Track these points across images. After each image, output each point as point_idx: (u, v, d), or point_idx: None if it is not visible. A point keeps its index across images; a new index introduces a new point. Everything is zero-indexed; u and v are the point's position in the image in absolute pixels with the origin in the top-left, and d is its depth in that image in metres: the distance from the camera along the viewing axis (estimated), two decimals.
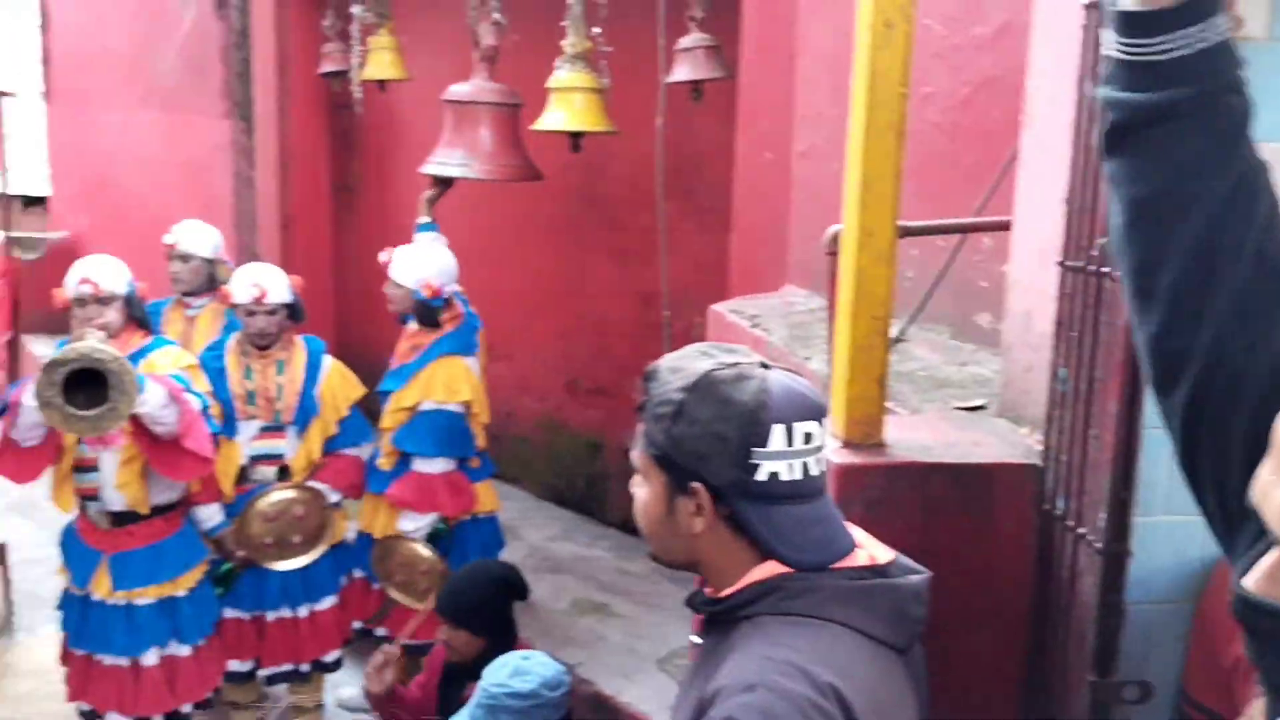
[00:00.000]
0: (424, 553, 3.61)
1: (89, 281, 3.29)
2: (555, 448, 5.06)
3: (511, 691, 2.44)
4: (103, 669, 3.40)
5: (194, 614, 3.45)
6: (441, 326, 3.70)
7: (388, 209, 5.77)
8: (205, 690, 3.52)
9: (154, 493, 3.34)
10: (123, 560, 3.35)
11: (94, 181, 7.60)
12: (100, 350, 2.77)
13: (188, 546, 3.46)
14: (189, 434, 3.09)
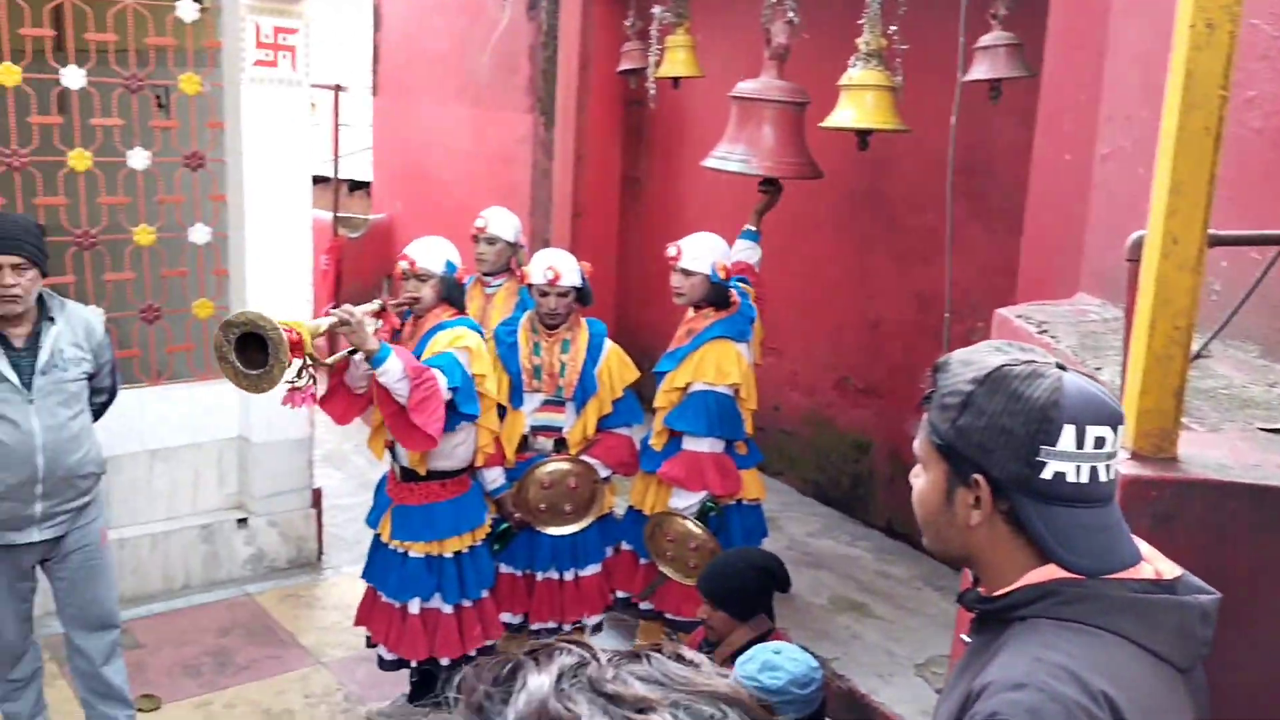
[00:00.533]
0: (696, 530, 3.74)
1: (407, 258, 3.66)
2: (821, 444, 5.07)
3: (760, 686, 2.48)
4: (381, 604, 3.79)
5: (458, 577, 3.72)
6: (730, 308, 3.82)
7: (671, 202, 5.97)
8: (464, 649, 3.77)
9: (429, 458, 3.65)
10: (403, 512, 3.70)
11: (410, 169, 8.30)
12: (264, 319, 3.07)
13: (460, 514, 3.72)
14: (417, 410, 3.36)
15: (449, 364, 3.45)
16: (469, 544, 3.74)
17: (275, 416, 5.09)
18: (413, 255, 3.65)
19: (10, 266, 3.16)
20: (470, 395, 3.51)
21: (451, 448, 3.65)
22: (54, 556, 3.46)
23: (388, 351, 3.32)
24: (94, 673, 3.57)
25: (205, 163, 4.93)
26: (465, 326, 3.68)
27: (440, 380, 3.39)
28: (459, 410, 3.48)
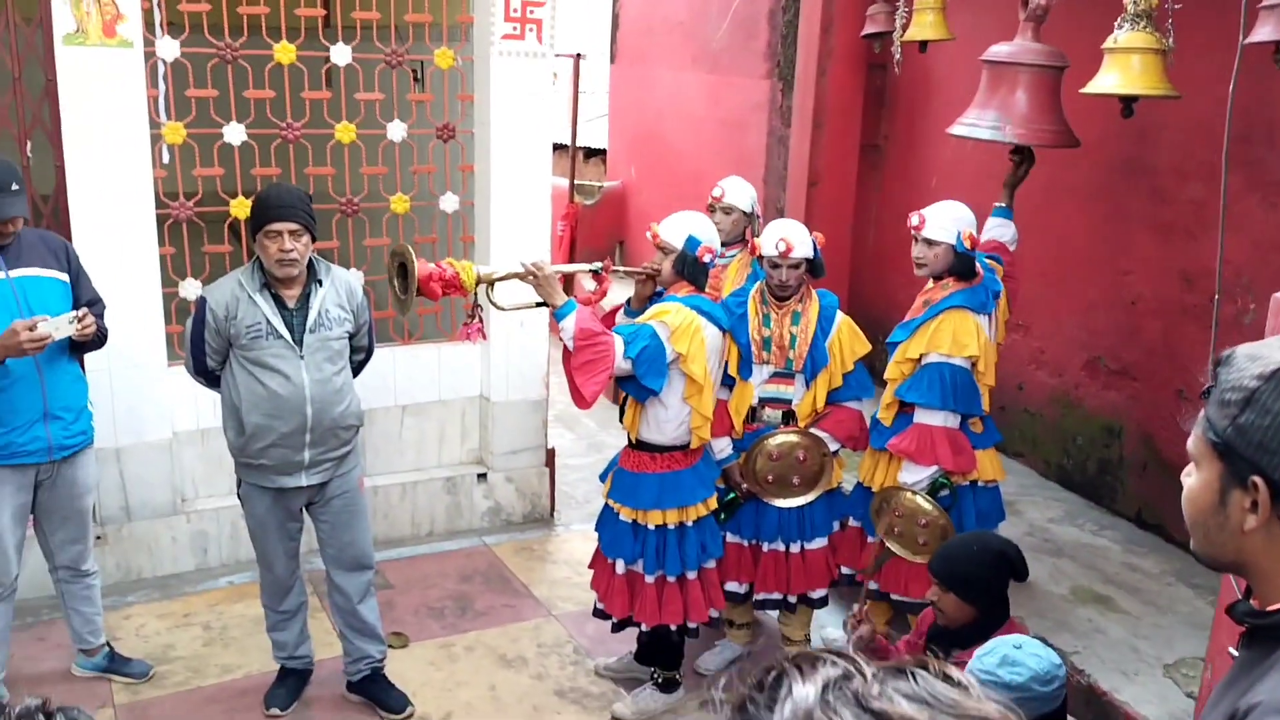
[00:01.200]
0: (926, 505, 3.64)
1: (652, 230, 3.71)
2: (1067, 426, 4.81)
3: (1000, 682, 2.39)
4: (599, 555, 3.89)
5: (657, 550, 3.75)
6: (974, 279, 3.68)
7: (913, 171, 5.78)
8: (684, 618, 3.80)
9: (643, 429, 3.70)
10: (620, 475, 3.79)
11: (644, 136, 8.42)
12: (408, 252, 3.42)
13: (663, 490, 3.72)
14: (579, 370, 3.46)
15: (639, 335, 3.48)
16: (677, 521, 3.74)
17: (514, 378, 5.34)
18: (658, 228, 3.69)
19: (289, 232, 3.44)
20: (654, 370, 3.50)
21: (658, 422, 3.66)
22: (318, 500, 3.76)
23: (569, 309, 3.46)
24: (351, 609, 3.87)
25: (455, 134, 5.18)
26: (679, 303, 3.61)
27: (616, 347, 3.46)
28: (640, 383, 3.51)
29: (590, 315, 3.52)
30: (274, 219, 3.43)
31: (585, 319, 3.47)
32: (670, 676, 4.00)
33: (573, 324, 3.45)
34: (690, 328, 3.55)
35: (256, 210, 3.48)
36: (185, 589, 4.73)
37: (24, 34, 4.20)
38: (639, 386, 3.57)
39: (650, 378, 3.53)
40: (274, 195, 3.51)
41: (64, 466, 3.68)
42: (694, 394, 3.64)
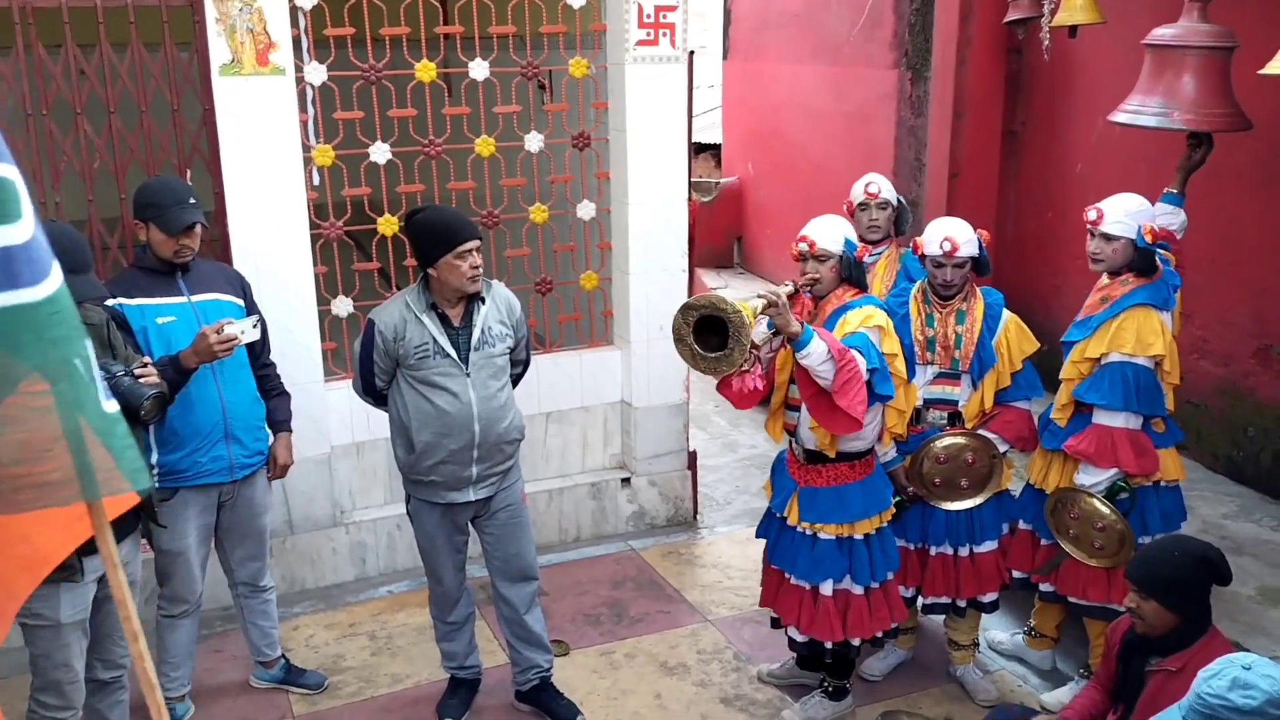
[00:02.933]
0: (1104, 509, 3.52)
1: (806, 240, 3.61)
2: (1236, 417, 4.61)
3: (1233, 706, 2.28)
4: (789, 586, 3.81)
5: (869, 559, 3.68)
6: (1154, 274, 3.54)
7: (1054, 156, 5.61)
8: (873, 630, 3.75)
9: (841, 440, 3.60)
10: (810, 495, 3.70)
11: (761, 131, 8.34)
12: (725, 302, 3.12)
13: (869, 495, 3.67)
14: (842, 392, 3.29)
15: (864, 344, 3.39)
16: (877, 525, 3.69)
17: (655, 382, 5.35)
18: (812, 236, 3.59)
19: (475, 250, 3.50)
20: (886, 376, 3.44)
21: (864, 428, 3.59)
22: (483, 514, 3.81)
23: (811, 334, 3.29)
24: (518, 620, 3.91)
25: (591, 142, 5.19)
26: (873, 305, 3.58)
27: (860, 361, 3.34)
28: (875, 391, 3.41)
29: (829, 335, 3.40)
30: (467, 238, 3.49)
31: (831, 339, 3.34)
32: (840, 685, 3.96)
33: (823, 346, 3.27)
34: (891, 327, 3.56)
35: (439, 233, 3.50)
36: (348, 599, 4.85)
37: (181, 65, 4.34)
38: (873, 395, 3.44)
39: (885, 385, 3.46)
40: (452, 217, 3.56)
41: (243, 486, 3.80)
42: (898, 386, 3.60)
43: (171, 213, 3.53)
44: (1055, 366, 3.92)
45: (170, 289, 3.63)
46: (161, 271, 3.62)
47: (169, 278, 3.63)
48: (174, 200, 3.55)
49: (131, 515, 3.24)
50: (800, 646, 3.84)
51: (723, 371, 3.23)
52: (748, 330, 3.12)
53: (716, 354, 3.18)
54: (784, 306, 3.27)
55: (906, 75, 6.22)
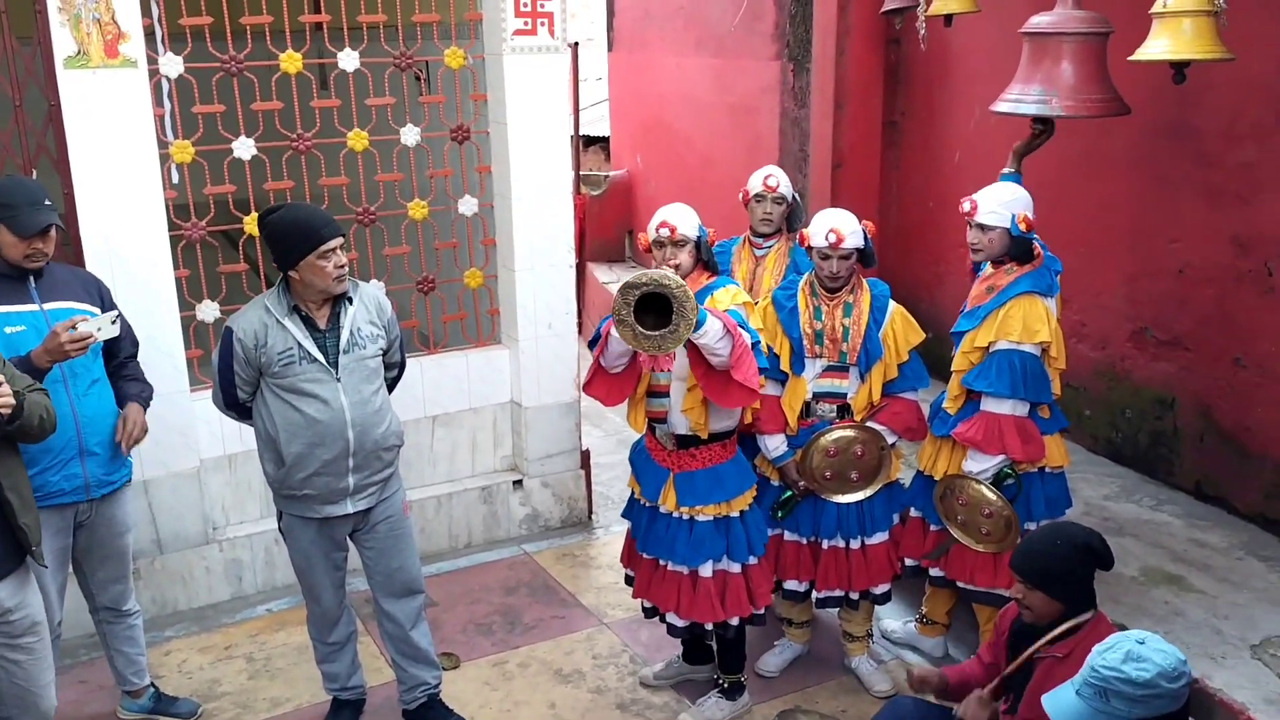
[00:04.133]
0: (990, 495, 3.53)
1: (668, 226, 3.57)
2: (1115, 400, 4.69)
3: (1125, 678, 2.30)
4: (666, 573, 3.74)
5: (745, 536, 3.68)
6: (1034, 261, 3.56)
7: (933, 145, 5.65)
8: (752, 608, 3.72)
9: (713, 420, 3.57)
10: (688, 479, 3.65)
11: (649, 123, 8.27)
12: (668, 278, 3.09)
13: (741, 472, 3.68)
14: (739, 366, 3.28)
15: (740, 320, 3.38)
16: (750, 501, 3.70)
17: (545, 380, 5.22)
18: (672, 221, 3.57)
19: (339, 248, 3.32)
20: (759, 350, 3.43)
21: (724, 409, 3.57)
22: (363, 527, 3.63)
23: (705, 313, 3.24)
24: (403, 636, 3.75)
25: (471, 135, 5.03)
26: (736, 285, 3.62)
27: (745, 335, 3.34)
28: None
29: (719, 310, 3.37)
30: (328, 236, 3.31)
31: (723, 314, 3.32)
32: (735, 680, 3.91)
33: (718, 323, 3.23)
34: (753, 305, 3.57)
35: (298, 233, 3.31)
36: (223, 620, 4.61)
37: (22, 59, 4.04)
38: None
39: (762, 359, 3.47)
40: (312, 214, 3.38)
41: (102, 505, 3.56)
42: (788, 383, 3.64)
43: (25, 213, 3.28)
44: (940, 356, 3.93)
45: (20, 296, 3.37)
46: (11, 277, 3.36)
47: (19, 284, 3.37)
48: (28, 200, 3.30)
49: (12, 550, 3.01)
50: (680, 631, 3.78)
51: (668, 348, 3.15)
52: (693, 303, 3.08)
53: (660, 331, 3.11)
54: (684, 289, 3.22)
55: (788, 66, 6.20)
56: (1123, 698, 2.31)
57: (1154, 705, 2.31)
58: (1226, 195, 4.10)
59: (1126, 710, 2.33)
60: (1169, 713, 2.33)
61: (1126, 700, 2.31)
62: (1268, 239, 3.97)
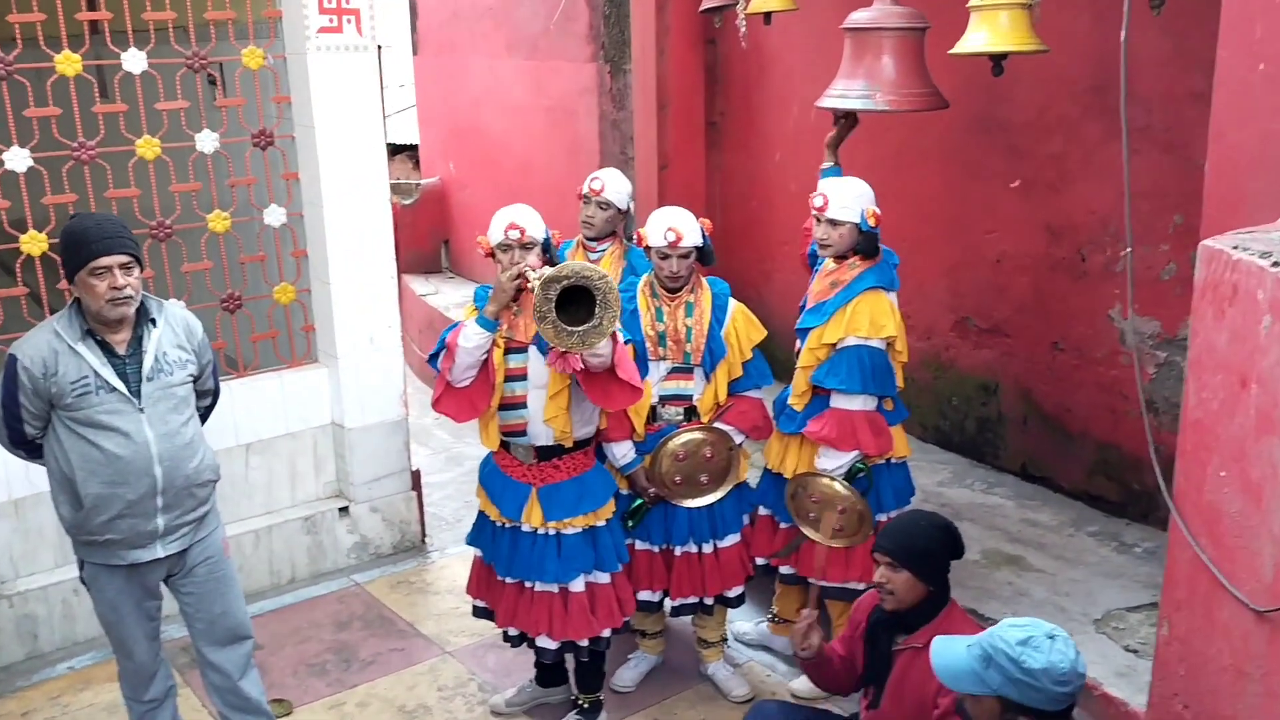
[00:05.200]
0: (844, 491, 3.52)
1: (517, 228, 3.40)
2: (941, 388, 4.82)
3: (1013, 657, 2.29)
4: (534, 595, 3.57)
5: (612, 544, 3.59)
6: (876, 256, 3.56)
7: (753, 144, 5.68)
8: (622, 617, 3.64)
9: (576, 426, 3.45)
10: (552, 492, 3.50)
11: (460, 129, 8.02)
12: (590, 269, 2.97)
13: (604, 479, 3.59)
14: (621, 364, 3.20)
15: None
16: (613, 510, 3.60)
17: (368, 399, 4.94)
18: (521, 223, 3.41)
19: (119, 266, 2.97)
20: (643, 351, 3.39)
21: (585, 413, 3.47)
22: (178, 571, 3.30)
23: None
24: (231, 687, 3.43)
25: (274, 140, 4.70)
26: None
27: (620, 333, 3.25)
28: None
29: None
30: (99, 253, 2.95)
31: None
32: (594, 699, 3.77)
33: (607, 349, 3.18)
34: None
35: (72, 246, 2.98)
36: (18, 683, 4.12)
37: None
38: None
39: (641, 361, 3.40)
40: (92, 226, 3.01)
41: None
42: None
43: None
44: (773, 355, 3.91)
45: None
46: None
47: None
48: None
49: None
50: (551, 655, 3.62)
51: (592, 343, 3.00)
52: (616, 295, 2.95)
53: (585, 326, 2.97)
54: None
55: (605, 68, 6.12)
56: (1001, 672, 2.30)
57: (1028, 694, 2.30)
58: (1038, 186, 4.25)
59: (999, 684, 2.33)
60: (1042, 710, 2.33)
61: (1003, 676, 2.31)
62: (1078, 227, 4.14)
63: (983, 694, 2.36)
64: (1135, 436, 4.04)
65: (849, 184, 3.58)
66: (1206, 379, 2.54)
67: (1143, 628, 3.40)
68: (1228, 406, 2.49)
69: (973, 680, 2.36)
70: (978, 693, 2.36)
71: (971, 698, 2.39)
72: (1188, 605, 2.67)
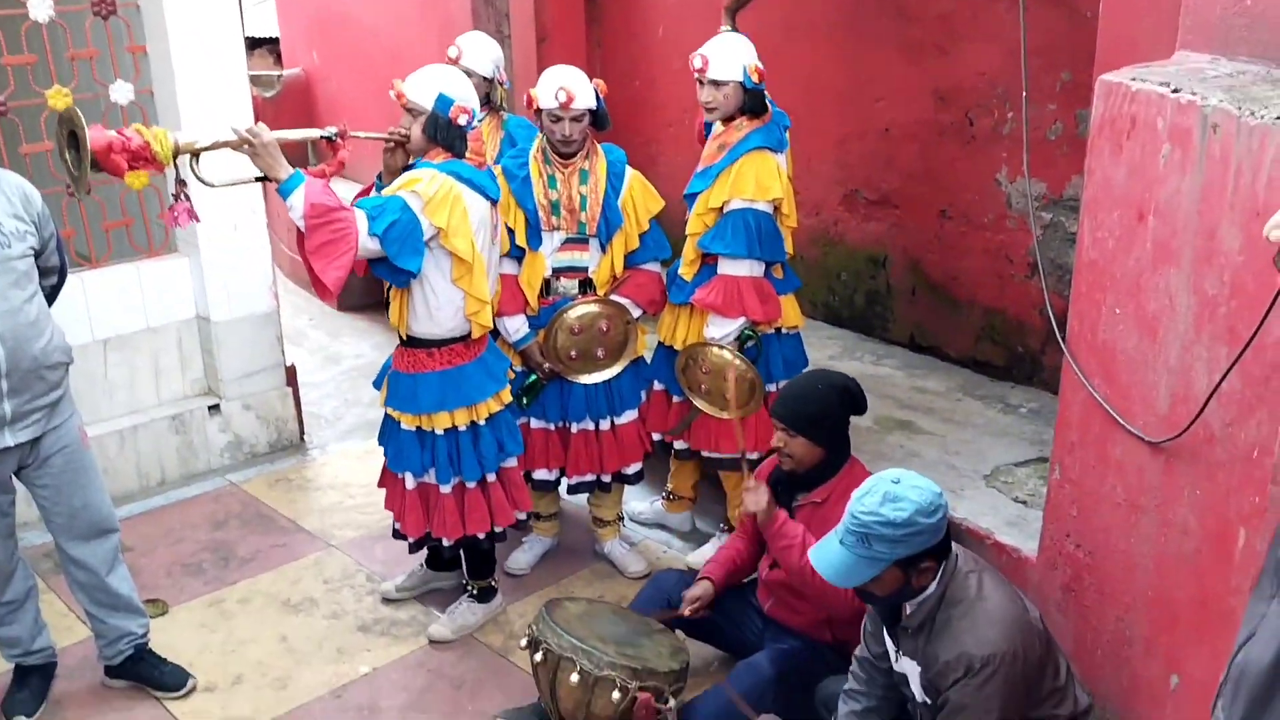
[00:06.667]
0: (733, 360, 3.44)
1: (395, 89, 3.20)
2: (830, 264, 4.77)
3: (885, 520, 2.27)
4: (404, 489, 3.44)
5: (477, 451, 3.36)
6: (764, 116, 3.44)
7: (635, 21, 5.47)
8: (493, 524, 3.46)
9: (412, 323, 3.26)
10: (394, 379, 3.36)
11: (323, 17, 7.55)
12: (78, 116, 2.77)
13: (445, 390, 3.29)
14: (316, 253, 2.98)
15: (386, 208, 3.02)
16: (467, 421, 3.33)
17: (235, 291, 4.66)
18: (402, 86, 3.17)
19: None
20: (409, 248, 3.05)
21: (429, 311, 3.22)
22: (31, 463, 3.06)
23: (296, 182, 2.92)
24: (99, 584, 3.21)
25: (117, 8, 4.30)
26: (438, 171, 3.13)
27: (358, 224, 2.97)
28: (393, 264, 3.06)
29: (324, 188, 2.95)
30: None
31: (317, 192, 2.93)
32: (485, 585, 3.66)
33: (302, 199, 2.91)
34: (448, 197, 3.08)
35: None
36: None
37: None
38: (393, 269, 3.09)
39: (405, 257, 3.06)
40: None
41: None
42: (463, 274, 3.19)
43: None
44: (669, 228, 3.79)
45: None
46: None
47: None
48: None
49: None
50: (400, 534, 3.53)
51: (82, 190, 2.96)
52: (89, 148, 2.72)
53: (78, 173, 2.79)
54: (263, 147, 2.93)
55: None
56: (884, 540, 2.28)
57: (915, 542, 2.30)
58: (926, 49, 4.18)
59: (889, 551, 2.30)
60: (930, 546, 2.33)
61: (888, 542, 2.28)
62: (966, 90, 4.10)
63: (881, 571, 2.33)
64: (1021, 300, 4.08)
65: (729, 41, 3.44)
66: (1103, 217, 2.54)
67: (1030, 480, 3.47)
68: (1124, 243, 2.49)
69: (867, 564, 2.32)
70: (877, 572, 2.33)
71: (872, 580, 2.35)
72: (1080, 446, 2.70)
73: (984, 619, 2.35)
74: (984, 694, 2.32)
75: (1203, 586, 2.37)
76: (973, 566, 2.47)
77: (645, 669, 2.86)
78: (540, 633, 2.95)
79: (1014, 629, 2.35)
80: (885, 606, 2.48)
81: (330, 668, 3.45)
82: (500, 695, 3.30)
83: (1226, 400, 2.22)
